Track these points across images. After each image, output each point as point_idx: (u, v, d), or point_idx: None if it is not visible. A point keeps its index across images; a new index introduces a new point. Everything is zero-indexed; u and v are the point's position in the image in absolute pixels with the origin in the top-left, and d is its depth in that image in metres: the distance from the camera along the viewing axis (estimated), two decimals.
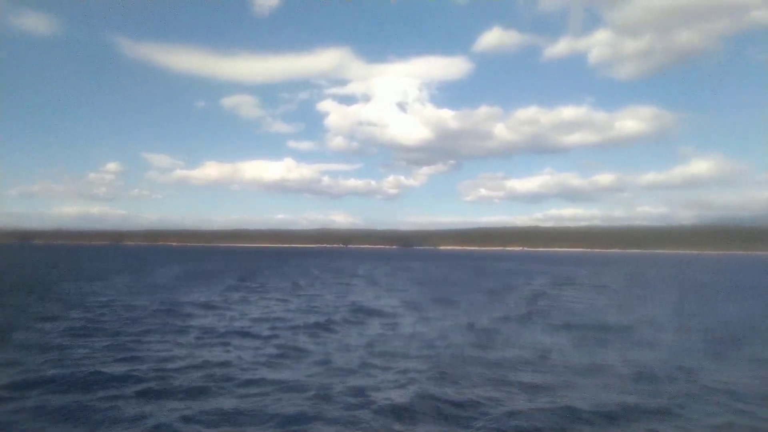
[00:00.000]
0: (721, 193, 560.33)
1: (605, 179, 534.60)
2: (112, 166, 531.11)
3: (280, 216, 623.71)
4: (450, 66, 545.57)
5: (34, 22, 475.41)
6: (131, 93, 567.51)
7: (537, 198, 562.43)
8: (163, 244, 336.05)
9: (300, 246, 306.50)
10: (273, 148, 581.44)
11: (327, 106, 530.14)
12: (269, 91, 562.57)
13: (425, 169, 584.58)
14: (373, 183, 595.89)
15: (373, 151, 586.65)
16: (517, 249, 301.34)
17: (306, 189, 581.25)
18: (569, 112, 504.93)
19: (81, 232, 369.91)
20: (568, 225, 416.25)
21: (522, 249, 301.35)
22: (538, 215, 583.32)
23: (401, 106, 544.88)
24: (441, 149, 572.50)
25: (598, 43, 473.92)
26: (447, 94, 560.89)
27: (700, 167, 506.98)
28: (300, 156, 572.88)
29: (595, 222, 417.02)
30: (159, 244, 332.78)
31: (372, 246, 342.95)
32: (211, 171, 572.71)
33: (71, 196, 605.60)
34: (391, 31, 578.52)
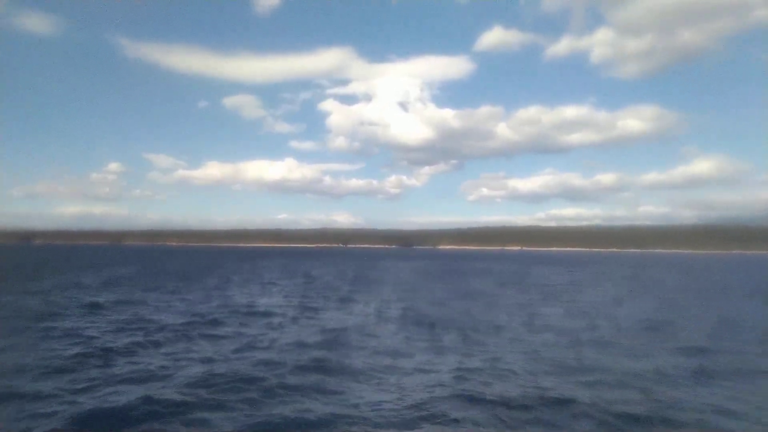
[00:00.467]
0: (723, 193, 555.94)
1: (607, 179, 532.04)
2: (114, 166, 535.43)
3: (282, 216, 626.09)
4: (451, 65, 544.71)
5: (36, 22, 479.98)
6: (133, 93, 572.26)
7: (539, 198, 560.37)
8: (162, 244, 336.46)
9: (299, 246, 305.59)
10: (275, 148, 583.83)
11: (328, 105, 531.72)
12: (271, 91, 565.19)
13: (427, 169, 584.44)
14: (375, 183, 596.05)
15: (375, 151, 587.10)
16: (516, 249, 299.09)
17: (308, 189, 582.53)
18: (571, 111, 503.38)
19: (81, 232, 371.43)
20: (569, 225, 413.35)
21: (520, 249, 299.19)
22: (540, 215, 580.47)
23: (403, 105, 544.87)
24: (443, 149, 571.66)
25: (600, 43, 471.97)
26: (448, 93, 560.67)
27: (702, 167, 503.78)
28: (302, 156, 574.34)
29: (597, 222, 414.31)
30: (158, 244, 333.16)
31: (371, 246, 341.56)
32: (213, 171, 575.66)
33: (74, 196, 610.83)
34: (393, 31, 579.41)
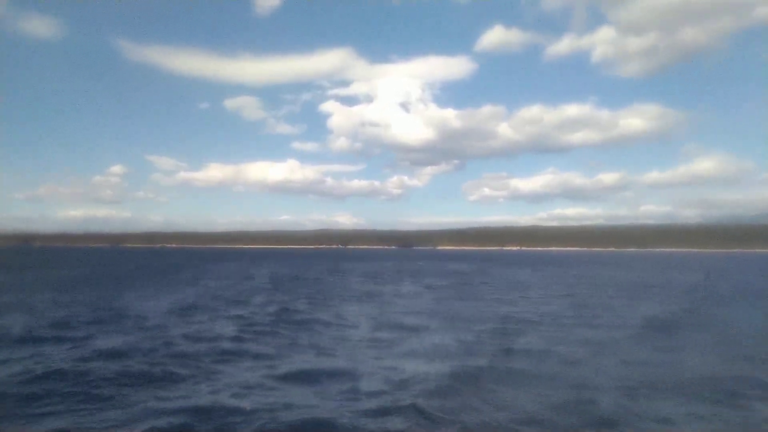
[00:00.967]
0: (726, 192, 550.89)
1: (609, 178, 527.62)
2: (116, 168, 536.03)
3: (284, 217, 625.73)
4: (452, 65, 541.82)
5: (37, 25, 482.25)
6: (134, 96, 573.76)
7: (541, 198, 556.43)
8: (162, 246, 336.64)
9: (299, 247, 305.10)
10: (276, 149, 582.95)
11: (330, 107, 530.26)
12: (272, 93, 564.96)
13: (429, 170, 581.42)
14: (377, 184, 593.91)
15: (377, 152, 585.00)
16: (515, 249, 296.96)
17: (310, 190, 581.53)
18: (573, 110, 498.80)
19: (81, 234, 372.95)
20: (571, 225, 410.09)
21: (519, 248, 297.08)
22: (542, 215, 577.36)
23: (404, 106, 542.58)
24: (444, 149, 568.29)
25: (601, 41, 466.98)
26: (450, 93, 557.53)
27: (704, 166, 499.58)
28: (303, 157, 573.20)
29: (599, 221, 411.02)
30: (157, 246, 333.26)
31: (370, 247, 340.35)
32: (215, 173, 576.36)
33: (76, 199, 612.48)
34: (393, 31, 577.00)
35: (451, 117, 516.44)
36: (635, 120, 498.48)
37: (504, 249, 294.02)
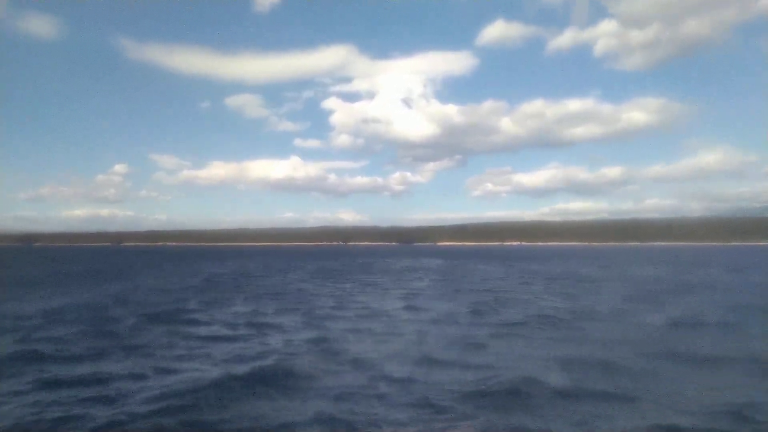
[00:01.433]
0: (730, 185, 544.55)
1: (612, 172, 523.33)
2: (119, 167, 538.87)
3: (288, 214, 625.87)
4: (454, 61, 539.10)
5: (37, 25, 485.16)
6: (136, 95, 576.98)
7: (544, 192, 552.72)
8: (163, 245, 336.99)
9: (301, 245, 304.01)
10: (279, 146, 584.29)
11: (332, 103, 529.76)
12: (274, 90, 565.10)
13: (431, 165, 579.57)
14: (380, 180, 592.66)
15: (379, 148, 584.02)
16: (515, 244, 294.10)
17: (313, 187, 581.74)
18: (575, 104, 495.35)
19: (83, 234, 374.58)
20: (575, 219, 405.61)
21: (519, 244, 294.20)
22: (545, 210, 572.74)
23: (406, 102, 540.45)
24: (447, 145, 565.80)
25: (603, 35, 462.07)
26: (452, 89, 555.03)
27: (708, 159, 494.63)
28: (306, 154, 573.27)
29: (603, 215, 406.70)
30: (158, 245, 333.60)
31: (371, 243, 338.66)
32: (218, 171, 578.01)
33: (79, 198, 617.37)
34: (395, 27, 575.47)
35: (453, 112, 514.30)
36: (638, 113, 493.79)
37: (504, 244, 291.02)
